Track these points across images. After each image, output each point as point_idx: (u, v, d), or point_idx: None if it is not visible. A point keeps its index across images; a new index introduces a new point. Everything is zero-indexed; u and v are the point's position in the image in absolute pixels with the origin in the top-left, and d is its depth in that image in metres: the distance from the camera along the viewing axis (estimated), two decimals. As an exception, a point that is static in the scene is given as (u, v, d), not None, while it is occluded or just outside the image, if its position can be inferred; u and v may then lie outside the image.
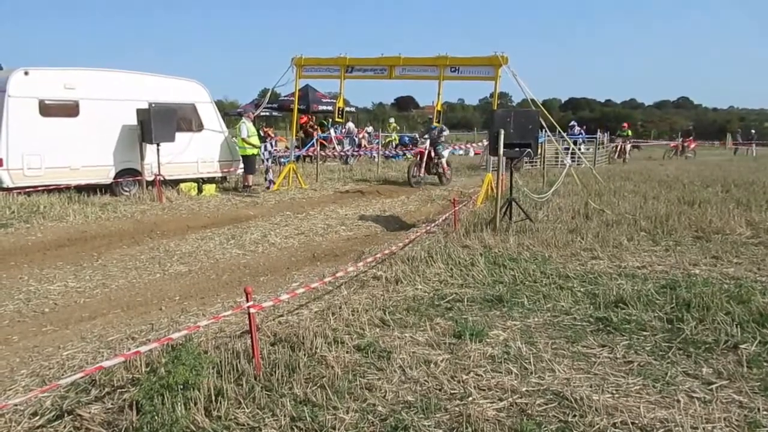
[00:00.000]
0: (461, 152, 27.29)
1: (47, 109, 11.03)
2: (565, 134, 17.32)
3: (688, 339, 4.37)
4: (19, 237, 8.16)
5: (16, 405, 3.38)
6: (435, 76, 14.36)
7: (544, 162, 15.78)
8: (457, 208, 8.60)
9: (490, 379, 3.76)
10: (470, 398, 3.49)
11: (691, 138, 29.83)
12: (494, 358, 4.07)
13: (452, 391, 3.60)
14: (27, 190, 10.33)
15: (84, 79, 11.69)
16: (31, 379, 3.99)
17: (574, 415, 3.29)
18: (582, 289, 5.58)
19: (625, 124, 30.21)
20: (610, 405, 3.38)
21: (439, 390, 3.62)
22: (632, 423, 3.19)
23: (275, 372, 3.80)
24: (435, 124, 15.09)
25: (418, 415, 3.32)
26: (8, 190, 10.27)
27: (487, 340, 4.40)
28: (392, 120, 30.85)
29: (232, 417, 3.33)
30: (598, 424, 3.19)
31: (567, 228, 8.30)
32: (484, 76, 13.88)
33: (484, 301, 5.30)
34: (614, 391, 3.58)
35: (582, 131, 18.58)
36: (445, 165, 15.74)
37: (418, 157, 15.34)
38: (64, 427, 3.30)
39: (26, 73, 10.96)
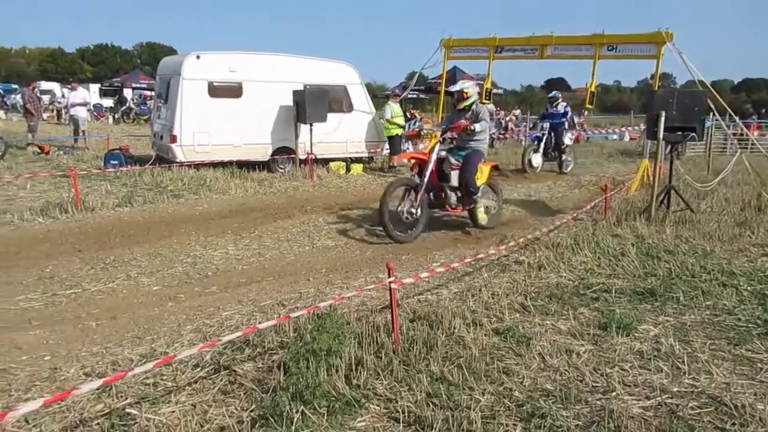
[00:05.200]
0: (615, 137, 25.76)
1: (215, 91, 12.01)
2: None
3: None
4: (189, 207, 9.01)
5: (184, 358, 3.74)
6: (590, 56, 13.65)
7: (709, 148, 14.45)
8: (608, 195, 8.15)
9: (637, 375, 3.54)
10: (614, 393, 3.32)
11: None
12: (642, 354, 3.83)
13: (594, 384, 3.45)
14: (196, 164, 11.34)
15: (246, 62, 12.55)
16: (195, 335, 4.40)
17: (734, 423, 3.02)
18: (749, 288, 5.06)
19: None
20: (778, 417, 3.05)
21: (581, 381, 3.49)
22: (804, 439, 2.86)
23: (413, 348, 3.87)
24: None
25: (557, 404, 3.22)
26: (180, 164, 11.35)
27: (636, 334, 4.15)
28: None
29: (371, 387, 3.44)
30: (761, 435, 2.89)
31: (734, 221, 7.55)
32: (644, 55, 12.96)
33: (634, 293, 4.99)
34: (784, 402, 3.22)
35: (569, 109, 14.33)
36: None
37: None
38: (221, 380, 3.61)
39: (198, 57, 12.00)
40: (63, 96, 31.51)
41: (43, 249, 6.68)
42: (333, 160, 13.11)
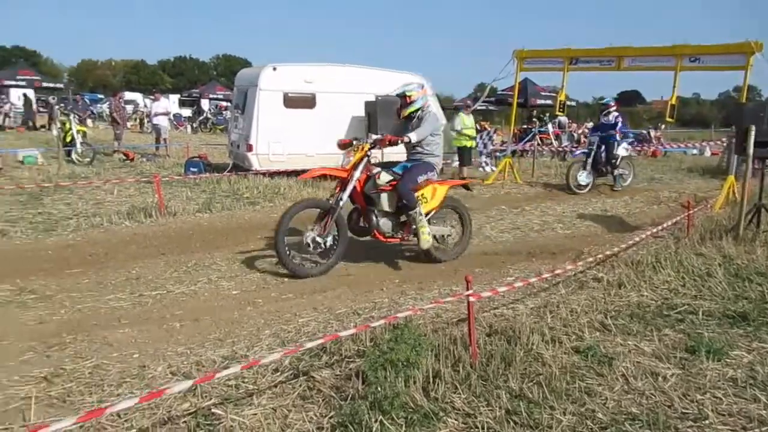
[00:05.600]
0: (695, 152, 24.70)
1: (290, 101, 12.33)
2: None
3: None
4: (264, 214, 9.24)
5: (264, 362, 3.81)
6: (670, 67, 13.15)
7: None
8: (690, 212, 7.81)
9: (732, 404, 3.36)
10: (706, 421, 3.16)
11: None
12: (736, 382, 3.63)
13: (684, 410, 3.29)
14: (270, 173, 11.63)
15: (320, 73, 12.83)
16: (273, 339, 4.50)
17: (842, 461, 2.81)
18: None
19: None
20: None
21: (669, 406, 3.34)
22: None
23: (491, 363, 3.82)
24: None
25: (644, 429, 3.09)
26: (256, 172, 11.69)
27: (727, 360, 3.94)
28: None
29: (449, 400, 3.42)
30: None
31: (835, 243, 7.07)
32: (730, 66, 12.38)
33: (724, 316, 4.75)
34: None
35: (619, 120, 12.91)
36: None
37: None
38: (300, 385, 3.67)
39: (274, 69, 12.36)
40: (145, 106, 33.11)
41: (130, 251, 7.02)
42: (403, 170, 13.15)
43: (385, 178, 6.40)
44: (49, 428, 2.51)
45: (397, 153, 7.34)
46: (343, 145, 6.62)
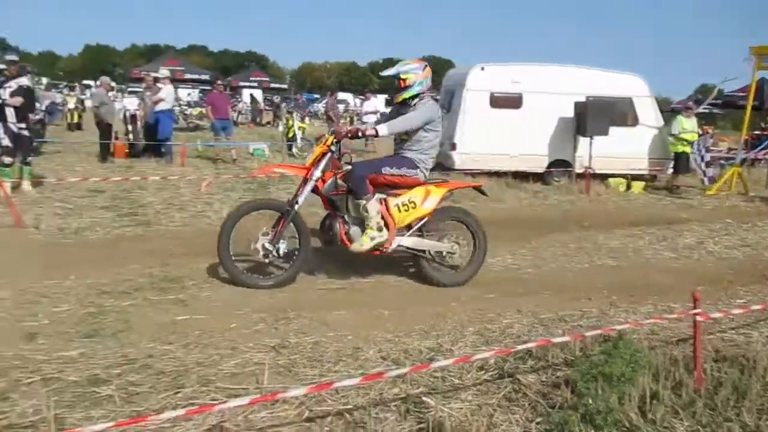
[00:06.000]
0: None
1: (496, 101, 12.31)
2: None
3: None
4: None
5: (475, 360, 3.83)
6: None
7: None
8: None
9: None
10: None
11: None
12: None
13: None
14: (471, 171, 11.70)
15: (528, 73, 12.62)
16: (477, 337, 4.51)
17: None
18: None
19: None
20: None
21: None
22: None
23: (719, 391, 3.46)
24: None
25: None
26: (458, 171, 11.83)
27: None
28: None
29: (669, 425, 3.17)
30: None
31: None
32: None
33: None
34: None
35: None
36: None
37: None
38: (505, 386, 3.65)
39: (482, 69, 12.42)
40: (356, 105, 35.35)
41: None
42: (612, 175, 12.44)
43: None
44: (285, 393, 2.80)
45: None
46: (319, 138, 5.91)
